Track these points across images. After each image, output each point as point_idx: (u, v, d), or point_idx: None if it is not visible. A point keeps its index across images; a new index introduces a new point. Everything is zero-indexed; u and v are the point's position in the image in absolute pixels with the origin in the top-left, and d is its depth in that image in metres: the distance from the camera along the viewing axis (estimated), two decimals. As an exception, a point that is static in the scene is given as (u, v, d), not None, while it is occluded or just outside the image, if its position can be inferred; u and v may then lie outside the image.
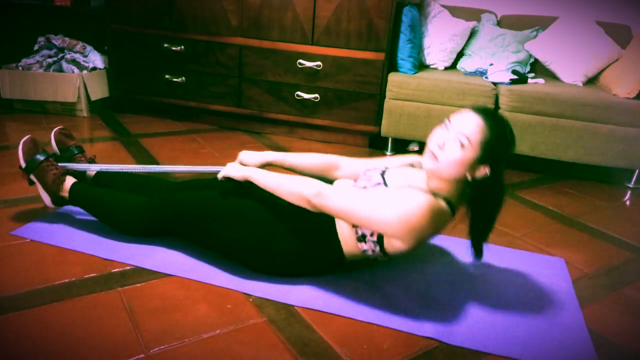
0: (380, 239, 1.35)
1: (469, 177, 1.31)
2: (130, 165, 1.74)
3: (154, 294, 1.36)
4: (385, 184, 1.39)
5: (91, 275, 1.42)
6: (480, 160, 1.28)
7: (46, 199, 1.65)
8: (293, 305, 1.36)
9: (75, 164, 1.73)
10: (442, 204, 1.30)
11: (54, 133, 1.81)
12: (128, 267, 1.47)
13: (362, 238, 1.38)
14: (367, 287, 1.47)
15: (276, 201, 1.42)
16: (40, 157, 1.63)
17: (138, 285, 1.39)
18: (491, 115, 1.31)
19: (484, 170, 1.30)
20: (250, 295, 1.39)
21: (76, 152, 1.80)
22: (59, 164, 1.68)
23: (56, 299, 1.30)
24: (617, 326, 1.41)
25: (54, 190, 1.63)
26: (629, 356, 1.30)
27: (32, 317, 1.22)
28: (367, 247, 1.38)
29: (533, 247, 1.85)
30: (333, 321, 1.31)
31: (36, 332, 1.18)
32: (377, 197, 1.31)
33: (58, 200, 1.65)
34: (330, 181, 1.50)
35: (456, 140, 1.28)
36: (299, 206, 1.38)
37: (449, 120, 1.32)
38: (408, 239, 1.28)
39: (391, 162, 1.56)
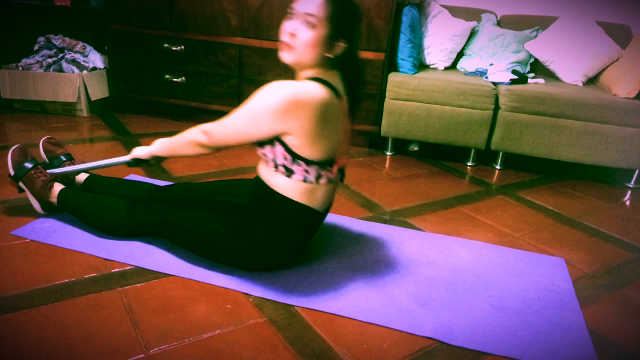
0: (291, 153, 1.33)
1: (331, 55, 1.34)
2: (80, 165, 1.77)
3: (154, 294, 1.36)
4: None
5: (91, 275, 1.42)
6: (333, 37, 1.32)
7: (36, 205, 1.69)
8: (293, 305, 1.36)
9: (59, 168, 1.75)
10: (307, 83, 1.32)
11: (42, 142, 1.84)
12: (128, 267, 1.47)
13: (287, 170, 1.36)
14: (367, 287, 1.47)
15: (238, 202, 1.50)
16: (28, 165, 1.67)
17: (138, 285, 1.39)
18: None
19: (340, 47, 1.34)
20: (250, 295, 1.39)
21: (65, 159, 1.81)
22: (49, 171, 1.71)
23: (56, 299, 1.30)
24: (617, 326, 1.41)
25: (42, 197, 1.67)
26: (629, 356, 1.30)
27: (32, 317, 1.23)
28: (298, 173, 1.36)
29: (533, 247, 1.85)
30: (333, 321, 1.31)
31: (36, 332, 1.18)
32: (246, 104, 1.34)
33: (47, 207, 1.69)
34: None
35: (304, 22, 1.30)
36: (247, 200, 1.49)
37: (292, 7, 1.34)
38: (294, 129, 1.29)
39: None
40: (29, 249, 1.52)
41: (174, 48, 2.93)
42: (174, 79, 2.99)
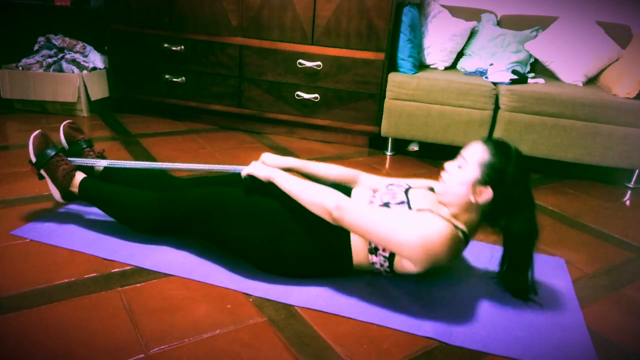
0: (391, 256, 1.36)
1: (473, 200, 1.33)
2: (145, 162, 1.72)
3: (154, 294, 1.36)
4: (409, 204, 1.39)
5: (91, 275, 1.42)
6: (480, 181, 1.31)
7: (56, 193, 1.65)
8: (293, 305, 1.36)
9: (85, 159, 1.73)
10: (460, 234, 1.31)
11: (63, 127, 1.81)
12: (128, 267, 1.47)
13: (374, 251, 1.38)
14: (368, 287, 1.47)
15: (291, 201, 1.41)
16: (51, 152, 1.63)
17: (138, 285, 1.39)
18: (494, 140, 1.36)
19: (486, 192, 1.31)
20: (250, 295, 1.39)
21: (85, 146, 1.80)
22: (69, 159, 1.67)
23: (56, 299, 1.30)
24: (617, 326, 1.41)
25: (64, 185, 1.63)
26: (629, 356, 1.30)
27: (32, 317, 1.22)
28: (377, 260, 1.39)
29: (533, 247, 1.85)
30: (333, 321, 1.31)
31: (36, 332, 1.18)
32: (398, 217, 1.29)
33: (67, 195, 1.65)
34: (349, 190, 1.52)
35: (457, 163, 1.37)
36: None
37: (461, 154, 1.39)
38: (422, 264, 1.27)
39: (412, 182, 1.58)
40: (29, 249, 1.52)
41: (174, 48, 2.93)
42: (174, 79, 2.99)
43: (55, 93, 2.95)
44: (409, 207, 1.37)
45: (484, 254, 1.75)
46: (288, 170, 1.55)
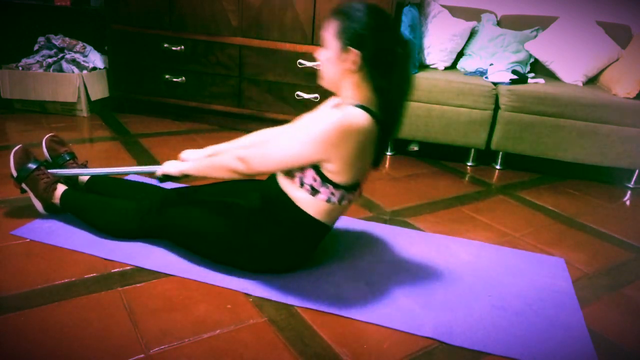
0: (323, 178, 1.33)
1: (348, 67, 1.31)
2: (92, 169, 1.77)
3: (154, 294, 1.36)
4: None
5: (91, 275, 1.42)
6: (342, 49, 1.31)
7: (38, 206, 1.69)
8: (293, 305, 1.36)
9: (64, 170, 1.75)
10: (351, 110, 1.29)
11: (45, 140, 1.83)
12: (128, 267, 1.47)
13: (313, 190, 1.35)
14: (367, 287, 1.47)
15: (246, 204, 1.48)
16: (32, 166, 1.66)
17: (138, 285, 1.39)
18: (342, 7, 1.34)
19: (352, 54, 1.30)
20: (250, 295, 1.39)
21: (68, 158, 1.81)
22: (50, 171, 1.70)
23: (56, 299, 1.30)
24: (617, 326, 1.41)
25: (45, 198, 1.67)
26: (629, 356, 1.30)
27: (32, 317, 1.22)
28: (324, 194, 1.35)
29: (533, 247, 1.85)
30: (333, 321, 1.31)
31: (36, 332, 1.18)
32: (289, 133, 1.34)
33: (50, 207, 1.69)
34: None
35: (321, 47, 1.38)
36: (257, 204, 1.47)
37: None
38: (333, 157, 1.28)
39: (322, 107, 1.60)
40: (29, 249, 1.52)
41: (174, 48, 2.93)
42: (174, 79, 2.99)
43: (55, 93, 2.94)
44: None
45: (484, 254, 1.75)
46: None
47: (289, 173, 1.38)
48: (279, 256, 1.46)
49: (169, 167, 1.53)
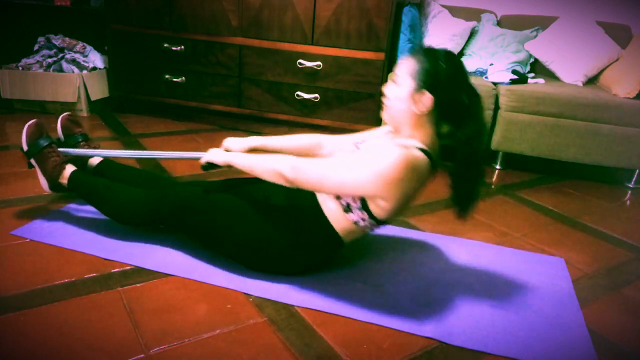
0: (364, 205, 1.33)
1: (416, 110, 1.32)
2: (116, 151, 1.74)
3: (154, 294, 1.36)
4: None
5: (91, 275, 1.42)
6: (416, 89, 1.31)
7: (44, 183, 1.66)
8: (293, 305, 1.36)
9: (75, 149, 1.73)
10: (415, 152, 1.29)
11: (61, 118, 1.81)
12: (128, 267, 1.47)
13: (347, 208, 1.36)
14: (367, 287, 1.47)
15: (269, 200, 1.44)
16: (43, 143, 1.64)
17: (138, 285, 1.39)
18: (422, 48, 1.35)
19: (425, 98, 1.30)
20: (250, 295, 1.39)
21: (80, 139, 1.80)
22: (61, 150, 1.68)
23: (56, 299, 1.30)
24: (617, 326, 1.41)
25: (53, 176, 1.63)
26: (629, 356, 1.30)
27: (32, 317, 1.22)
28: (356, 216, 1.36)
29: (533, 247, 1.85)
30: (333, 321, 1.31)
31: (36, 332, 1.18)
32: (349, 160, 1.32)
33: (55, 186, 1.66)
34: None
35: (392, 81, 1.37)
36: (283, 202, 1.42)
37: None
38: (389, 195, 1.28)
39: (375, 132, 1.58)
40: (29, 249, 1.52)
41: (174, 48, 2.93)
42: (174, 79, 2.99)
43: (55, 93, 2.94)
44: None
45: (484, 254, 1.75)
46: (252, 150, 1.58)
47: None
48: (291, 260, 1.45)
49: (215, 155, 1.49)
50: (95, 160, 1.78)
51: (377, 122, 2.78)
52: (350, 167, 1.29)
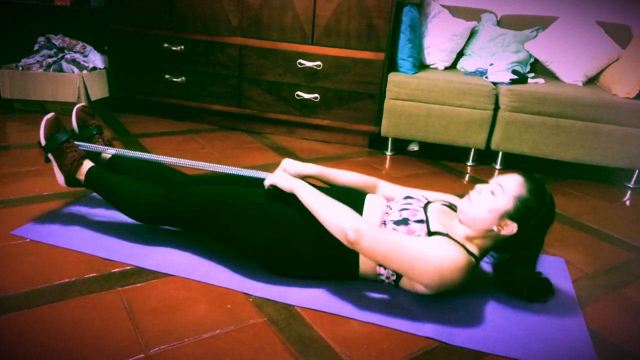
0: (399, 275, 1.38)
1: (496, 229, 1.33)
2: (166, 157, 1.68)
3: (154, 294, 1.36)
4: (428, 223, 1.36)
5: (91, 275, 1.42)
6: (509, 214, 1.32)
7: (60, 178, 1.66)
8: (293, 305, 1.36)
9: (94, 145, 1.72)
10: (471, 259, 1.32)
11: (76, 109, 1.81)
12: (128, 267, 1.47)
13: (381, 264, 1.38)
14: (368, 287, 1.47)
15: (300, 204, 1.40)
16: (62, 137, 1.63)
17: (138, 285, 1.39)
18: (533, 178, 1.36)
19: (511, 227, 1.32)
20: (250, 295, 1.39)
21: (95, 132, 1.79)
22: (77, 143, 1.68)
23: (56, 299, 1.30)
24: (617, 326, 1.41)
25: (69, 172, 1.63)
26: (629, 356, 1.30)
27: (32, 317, 1.22)
28: (385, 272, 1.40)
29: (533, 247, 1.85)
30: (333, 321, 1.31)
31: (36, 332, 1.18)
32: (415, 248, 1.28)
33: (72, 182, 1.65)
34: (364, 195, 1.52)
35: (491, 188, 1.36)
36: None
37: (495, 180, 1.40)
38: (434, 289, 1.33)
39: (430, 195, 1.58)
40: (29, 249, 1.52)
41: (174, 48, 2.93)
42: (174, 79, 2.99)
43: (55, 93, 2.95)
44: (428, 227, 1.35)
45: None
46: (308, 177, 1.56)
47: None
48: (305, 269, 1.45)
49: (280, 178, 1.43)
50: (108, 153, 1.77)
51: (377, 122, 2.79)
52: (415, 258, 1.27)
